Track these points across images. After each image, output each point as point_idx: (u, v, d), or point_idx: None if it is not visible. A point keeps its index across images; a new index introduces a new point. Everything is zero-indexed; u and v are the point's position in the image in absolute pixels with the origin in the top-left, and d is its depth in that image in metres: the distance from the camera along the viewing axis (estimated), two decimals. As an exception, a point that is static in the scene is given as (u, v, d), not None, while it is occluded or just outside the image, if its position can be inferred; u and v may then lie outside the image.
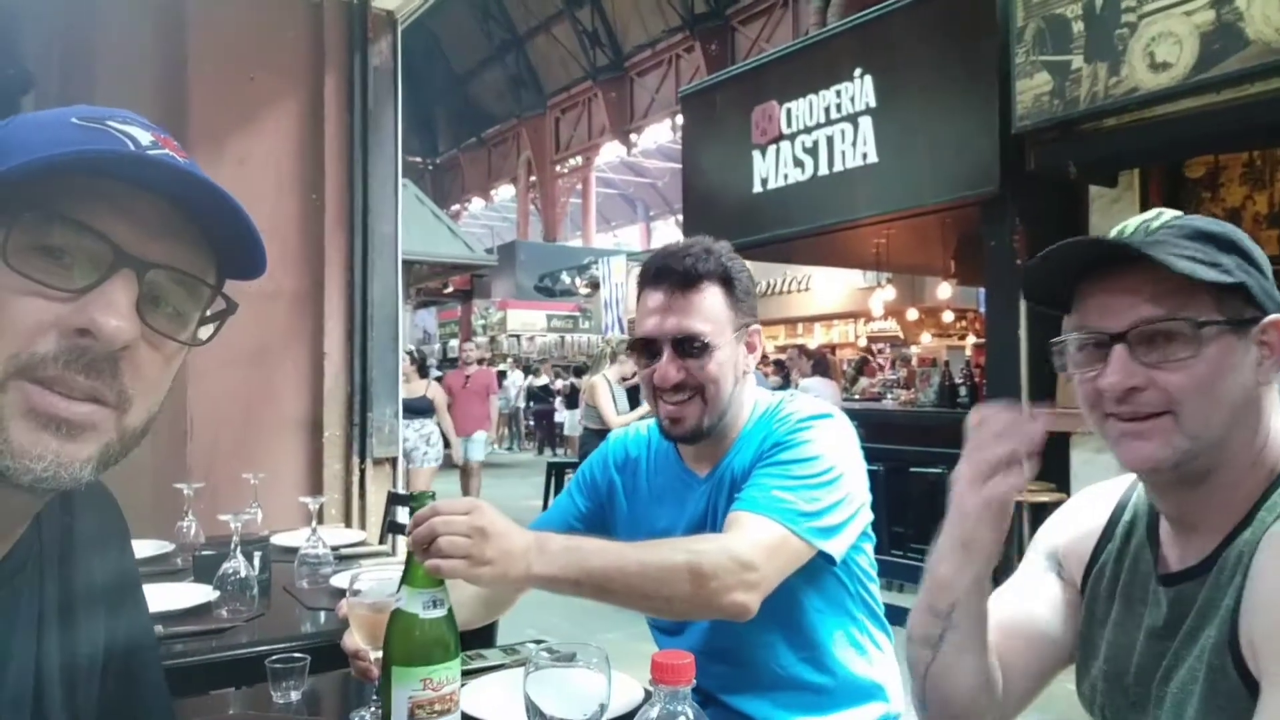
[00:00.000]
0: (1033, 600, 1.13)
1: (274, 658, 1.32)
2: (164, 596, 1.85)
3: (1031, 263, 0.94)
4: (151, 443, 2.42)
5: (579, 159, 26.29)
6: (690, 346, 1.44)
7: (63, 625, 0.73)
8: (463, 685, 1.33)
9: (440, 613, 1.12)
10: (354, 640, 1.32)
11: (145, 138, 0.65)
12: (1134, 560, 1.03)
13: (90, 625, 0.77)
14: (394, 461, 3.21)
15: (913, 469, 6.28)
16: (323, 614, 1.92)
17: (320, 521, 3.04)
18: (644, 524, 1.61)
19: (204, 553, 2.10)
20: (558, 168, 26.80)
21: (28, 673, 0.68)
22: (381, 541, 2.93)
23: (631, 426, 1.81)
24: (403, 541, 2.96)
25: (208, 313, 0.71)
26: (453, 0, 24.08)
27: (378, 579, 1.21)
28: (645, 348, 1.48)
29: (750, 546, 1.29)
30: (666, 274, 1.47)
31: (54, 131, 0.61)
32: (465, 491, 7.88)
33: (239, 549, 1.90)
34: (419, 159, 30.64)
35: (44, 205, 0.60)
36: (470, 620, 1.59)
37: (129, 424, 0.66)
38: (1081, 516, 1.13)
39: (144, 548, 2.30)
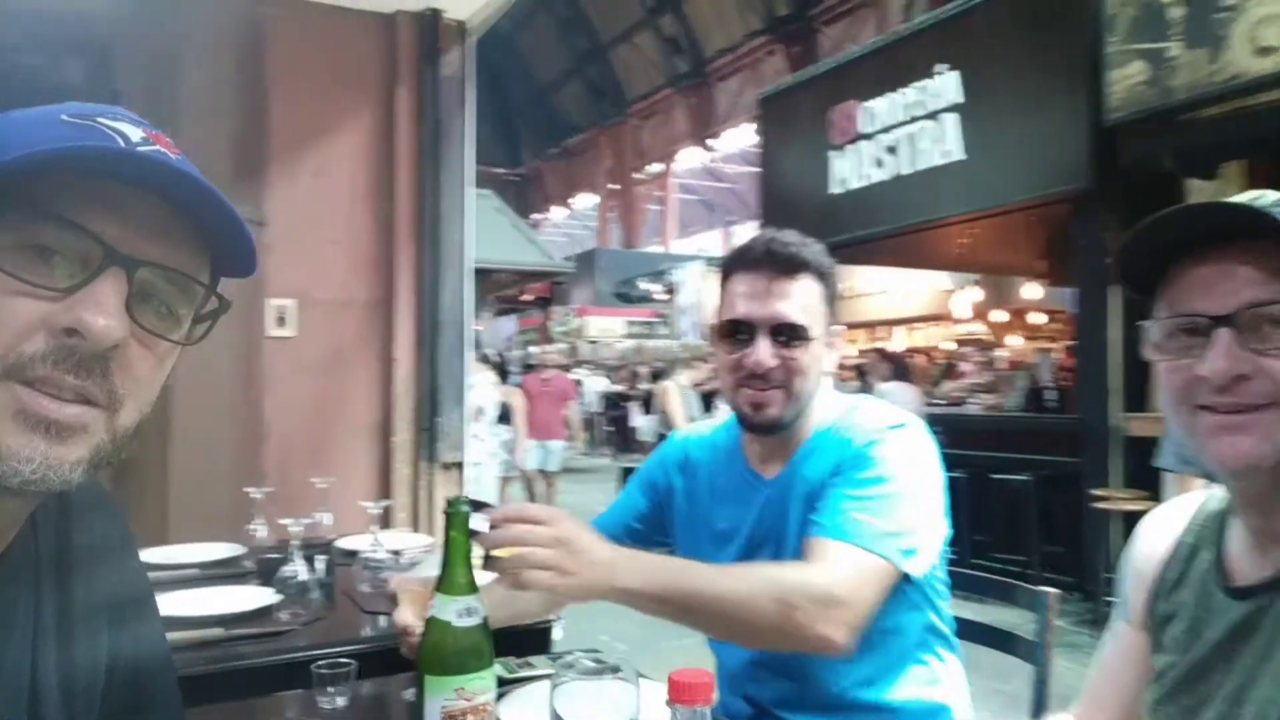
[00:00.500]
0: (1110, 645, 1.10)
1: (320, 662, 1.33)
2: (227, 599, 1.90)
3: (1135, 229, 0.85)
4: (230, 447, 2.48)
5: (659, 166, 26.36)
6: (788, 335, 1.40)
7: (60, 636, 0.72)
8: (506, 694, 1.32)
9: (474, 621, 1.11)
10: (404, 616, 1.31)
11: (136, 134, 0.64)
12: (1201, 580, 0.94)
13: (90, 636, 0.76)
14: (460, 466, 3.24)
15: (994, 475, 6.07)
16: (382, 618, 1.93)
17: (387, 525, 3.10)
18: (703, 525, 1.57)
19: (268, 556, 2.15)
20: (637, 175, 26.93)
21: (22, 685, 0.67)
22: (447, 546, 2.95)
23: (693, 427, 1.77)
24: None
25: (202, 311, 0.70)
26: (534, 12, 24.54)
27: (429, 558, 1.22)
28: (735, 331, 1.44)
29: (838, 578, 1.23)
30: (769, 259, 1.42)
31: (42, 129, 0.61)
32: (532, 499, 7.90)
33: (299, 552, 1.93)
34: (502, 170, 31.17)
35: (31, 203, 0.59)
36: (526, 613, 1.59)
37: (120, 424, 0.65)
38: (1140, 553, 1.06)
39: (216, 550, 2.37)
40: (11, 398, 0.59)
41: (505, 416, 7.00)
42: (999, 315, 10.99)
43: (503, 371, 7.59)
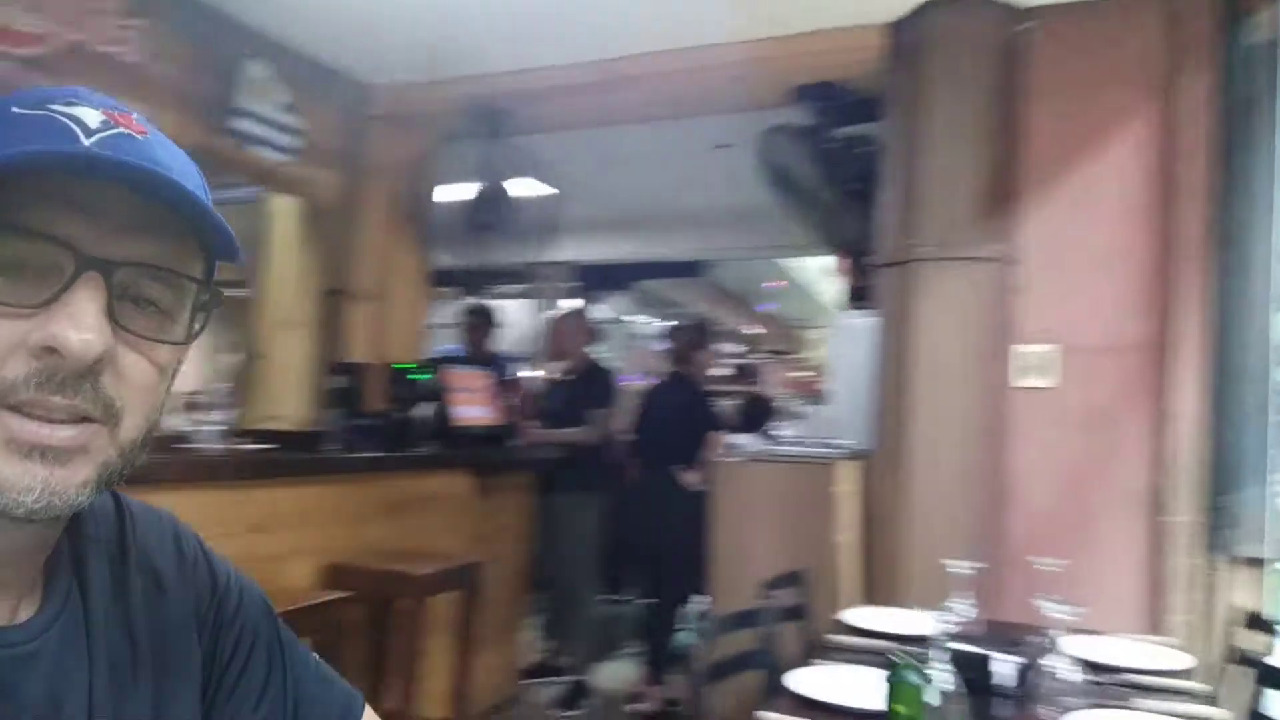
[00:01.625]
0: None
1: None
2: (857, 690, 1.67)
3: None
4: (963, 508, 2.27)
5: None
6: None
7: (133, 696, 0.66)
8: None
9: None
10: None
11: (94, 118, 0.56)
12: None
13: (167, 695, 0.68)
14: (1261, 563, 2.35)
15: None
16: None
17: (1156, 630, 2.43)
18: None
19: (960, 647, 1.85)
20: None
21: None
22: (1221, 681, 2.14)
23: None
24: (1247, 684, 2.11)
25: (199, 303, 0.62)
26: None
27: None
28: None
29: None
30: None
31: None
32: None
33: (947, 650, 1.59)
34: None
35: None
36: None
37: (125, 437, 0.58)
38: None
39: (912, 622, 2.16)
40: (0, 426, 0.55)
41: None
42: None
43: None
